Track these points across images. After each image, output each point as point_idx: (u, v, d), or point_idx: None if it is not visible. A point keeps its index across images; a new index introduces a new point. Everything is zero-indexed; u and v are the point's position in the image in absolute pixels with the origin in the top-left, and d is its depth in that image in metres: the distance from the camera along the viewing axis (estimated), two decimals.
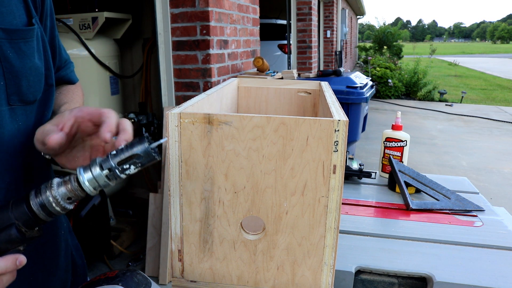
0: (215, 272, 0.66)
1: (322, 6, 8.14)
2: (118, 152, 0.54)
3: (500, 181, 4.15)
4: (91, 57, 2.43)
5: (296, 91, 1.07)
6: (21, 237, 0.52)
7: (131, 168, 0.53)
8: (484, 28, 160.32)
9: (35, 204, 0.53)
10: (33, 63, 0.63)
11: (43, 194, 0.53)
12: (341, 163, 0.58)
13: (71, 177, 0.54)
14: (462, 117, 7.64)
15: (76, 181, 0.54)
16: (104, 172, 0.53)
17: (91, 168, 0.54)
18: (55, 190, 0.53)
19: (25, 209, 0.52)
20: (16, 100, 0.61)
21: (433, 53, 24.95)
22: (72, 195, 0.54)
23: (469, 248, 0.95)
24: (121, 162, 0.53)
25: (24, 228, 0.52)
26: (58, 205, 0.53)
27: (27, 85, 0.62)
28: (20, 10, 0.63)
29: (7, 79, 0.60)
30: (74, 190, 0.54)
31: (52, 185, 0.54)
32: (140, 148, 0.53)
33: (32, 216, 0.53)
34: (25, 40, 0.62)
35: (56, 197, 0.53)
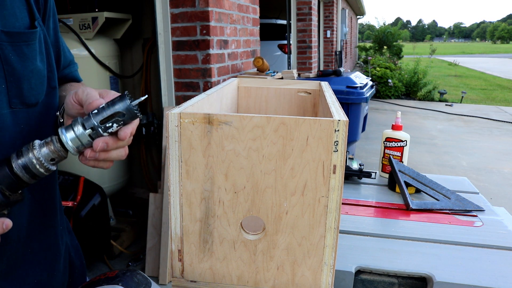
0: (215, 272, 0.66)
1: (322, 6, 8.14)
2: (99, 110, 0.53)
3: (500, 181, 4.15)
4: (91, 57, 2.43)
5: (296, 91, 1.07)
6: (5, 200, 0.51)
7: (113, 126, 0.53)
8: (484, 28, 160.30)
9: (17, 166, 0.52)
10: (35, 65, 0.63)
11: (25, 155, 0.52)
12: (341, 163, 0.58)
13: (53, 137, 0.53)
14: (462, 117, 7.64)
15: (59, 142, 0.53)
16: (87, 131, 0.53)
17: (73, 127, 0.53)
18: (37, 151, 0.52)
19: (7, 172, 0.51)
20: (17, 103, 0.61)
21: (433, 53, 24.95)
22: (55, 156, 0.53)
23: (469, 248, 0.95)
24: (104, 120, 0.53)
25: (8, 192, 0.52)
26: (41, 166, 0.52)
27: (28, 87, 0.62)
28: (22, 12, 0.63)
29: (8, 82, 0.59)
30: (57, 150, 0.53)
31: (34, 146, 0.53)
32: (122, 106, 0.52)
33: (15, 178, 0.52)
34: (27, 43, 0.62)
35: (39, 158, 0.52)
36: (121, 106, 0.52)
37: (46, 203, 0.72)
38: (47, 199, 0.72)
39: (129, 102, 0.52)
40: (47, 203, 0.73)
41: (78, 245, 0.87)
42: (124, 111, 0.52)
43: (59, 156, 0.53)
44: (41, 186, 0.69)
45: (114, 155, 0.57)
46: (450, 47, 64.75)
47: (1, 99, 0.59)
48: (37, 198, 0.69)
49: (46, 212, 0.72)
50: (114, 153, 0.57)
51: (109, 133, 0.53)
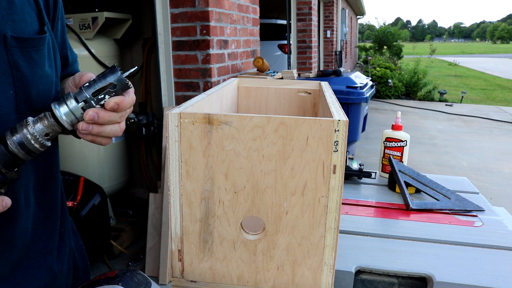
0: (215, 272, 0.66)
1: (322, 6, 8.14)
2: (91, 83, 0.54)
3: (500, 181, 4.15)
4: (91, 57, 2.43)
5: (296, 91, 1.07)
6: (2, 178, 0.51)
7: (105, 98, 0.53)
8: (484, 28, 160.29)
9: (12, 143, 0.52)
10: (43, 71, 0.63)
11: (19, 132, 0.52)
12: (341, 163, 0.58)
13: (46, 113, 0.54)
14: (462, 117, 7.64)
15: (52, 117, 0.53)
16: (80, 104, 0.53)
17: (66, 102, 0.53)
18: (31, 127, 0.52)
19: (3, 150, 0.51)
20: (25, 108, 0.61)
21: (433, 53, 24.95)
22: (50, 131, 0.53)
23: (469, 248, 0.95)
24: (96, 92, 0.53)
25: (4, 170, 0.52)
26: (36, 141, 0.52)
27: (36, 93, 0.62)
28: (32, 17, 0.62)
29: (17, 88, 0.59)
30: (51, 125, 0.53)
31: (27, 122, 0.53)
32: (113, 77, 0.53)
33: (11, 156, 0.52)
34: (37, 49, 0.62)
35: (34, 133, 0.52)
36: (112, 77, 0.53)
37: (50, 207, 0.72)
38: (50, 203, 0.72)
39: (120, 73, 0.53)
40: (51, 207, 0.72)
41: (82, 246, 0.87)
42: (115, 82, 0.53)
43: (54, 131, 0.54)
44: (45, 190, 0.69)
45: (108, 129, 0.58)
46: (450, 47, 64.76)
47: (9, 105, 0.59)
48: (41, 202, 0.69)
49: (50, 216, 0.72)
50: (108, 128, 0.58)
51: (102, 105, 0.54)
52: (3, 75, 0.57)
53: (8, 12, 0.58)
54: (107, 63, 2.53)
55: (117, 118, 0.58)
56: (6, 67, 0.58)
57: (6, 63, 0.57)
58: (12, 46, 0.58)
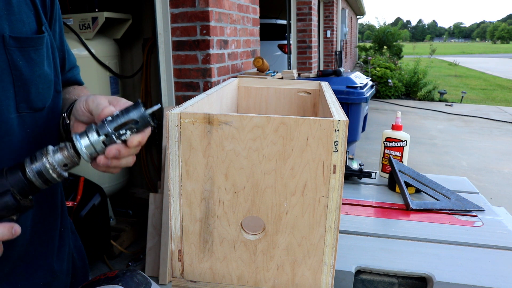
0: (215, 272, 0.66)
1: (322, 6, 8.14)
2: (114, 118, 0.54)
3: (500, 181, 4.15)
4: (91, 57, 2.43)
5: (296, 91, 1.07)
6: (16, 204, 0.51)
7: (127, 134, 0.53)
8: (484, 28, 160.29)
9: (31, 171, 0.52)
10: (42, 70, 0.63)
11: (39, 160, 0.52)
12: (341, 163, 0.58)
13: (67, 143, 0.54)
14: (462, 117, 7.64)
15: (73, 148, 0.53)
16: (101, 137, 0.53)
17: (87, 134, 0.53)
18: (51, 157, 0.52)
19: (20, 176, 0.51)
20: (25, 107, 0.61)
21: (433, 53, 24.95)
22: (69, 162, 0.53)
23: (469, 248, 0.95)
24: (118, 127, 0.53)
25: (19, 196, 0.52)
26: (54, 171, 0.52)
27: (36, 92, 0.63)
28: (30, 18, 0.63)
29: (16, 87, 0.60)
30: (70, 156, 0.53)
31: (47, 151, 0.53)
32: (136, 114, 0.53)
33: (28, 183, 0.52)
34: (35, 48, 0.62)
35: (53, 163, 0.52)
36: (135, 113, 0.53)
37: (49, 206, 0.72)
38: (50, 202, 0.72)
39: (143, 110, 0.53)
40: (50, 206, 0.73)
41: (81, 246, 0.87)
42: (138, 119, 0.53)
43: (72, 162, 0.54)
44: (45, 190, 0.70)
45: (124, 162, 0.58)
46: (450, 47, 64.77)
47: (9, 103, 0.59)
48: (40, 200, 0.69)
49: (50, 215, 0.72)
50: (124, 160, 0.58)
51: (122, 140, 0.54)
52: (2, 74, 0.58)
53: (6, 13, 0.58)
54: (107, 63, 2.53)
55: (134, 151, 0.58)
56: (5, 66, 0.58)
57: (5, 63, 0.58)
58: (11, 45, 0.58)
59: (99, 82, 2.50)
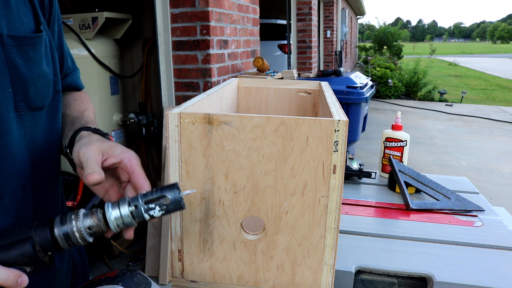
0: (215, 272, 0.66)
1: (322, 6, 8.14)
2: (148, 193, 0.55)
3: (500, 181, 4.15)
4: (91, 57, 2.43)
5: (296, 91, 1.07)
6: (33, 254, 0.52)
7: (155, 209, 0.54)
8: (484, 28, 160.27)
9: (58, 231, 0.53)
10: (41, 69, 0.63)
11: (68, 223, 0.54)
12: (341, 163, 0.58)
13: (98, 211, 0.55)
14: (462, 117, 7.64)
15: (103, 216, 0.54)
16: (130, 208, 0.54)
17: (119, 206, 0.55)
18: (80, 221, 0.54)
19: (47, 234, 0.53)
20: (23, 106, 0.62)
21: (433, 53, 24.96)
22: (96, 228, 0.54)
23: (469, 248, 0.95)
24: (149, 201, 0.54)
25: (39, 247, 0.53)
26: (81, 236, 0.54)
27: (35, 91, 0.63)
28: (28, 17, 0.63)
29: (14, 86, 0.60)
30: (99, 224, 0.54)
31: (78, 216, 0.54)
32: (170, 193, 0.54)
33: (52, 241, 0.53)
34: (34, 47, 0.62)
35: (81, 228, 0.54)
36: (169, 193, 0.54)
37: (50, 206, 0.72)
38: (51, 202, 0.72)
39: (178, 192, 0.54)
40: (51, 206, 0.73)
41: (81, 246, 0.87)
42: (171, 199, 0.54)
43: (99, 229, 0.55)
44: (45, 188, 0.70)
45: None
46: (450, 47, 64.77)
47: (8, 102, 0.59)
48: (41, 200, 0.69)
49: (50, 214, 0.72)
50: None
51: (150, 215, 0.54)
52: (1, 73, 0.58)
53: (4, 12, 0.59)
54: (107, 63, 2.53)
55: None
56: (4, 65, 0.58)
57: (4, 62, 0.58)
58: (9, 44, 0.58)
59: (99, 82, 2.50)
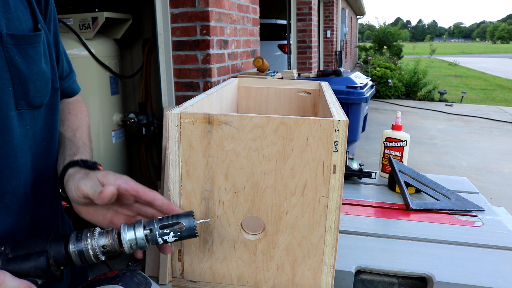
0: (215, 272, 0.66)
1: (322, 6, 8.14)
2: (163, 218, 0.56)
3: (500, 181, 4.15)
4: (91, 57, 2.42)
5: (296, 91, 1.07)
6: (46, 267, 0.53)
7: (170, 235, 0.55)
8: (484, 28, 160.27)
9: (73, 248, 0.54)
10: (40, 68, 0.64)
11: (84, 240, 0.54)
12: (341, 163, 0.58)
13: (113, 230, 0.56)
14: (462, 117, 7.64)
15: (117, 236, 0.55)
16: (145, 231, 0.55)
17: (135, 228, 0.55)
18: (95, 240, 0.55)
19: (62, 249, 0.54)
20: (24, 104, 0.62)
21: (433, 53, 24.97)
22: (109, 248, 0.55)
23: (469, 248, 0.95)
24: (163, 226, 0.55)
25: (52, 261, 0.53)
26: (94, 254, 0.54)
27: (34, 89, 0.63)
28: (26, 15, 0.63)
29: (15, 84, 0.60)
30: (113, 243, 0.55)
31: (94, 234, 0.55)
32: (186, 221, 0.55)
33: (66, 256, 0.54)
34: (32, 46, 0.62)
35: (95, 247, 0.54)
36: (185, 220, 0.55)
37: (49, 205, 0.72)
38: (49, 200, 0.72)
39: (193, 220, 0.55)
40: (50, 205, 0.73)
41: None
42: (185, 226, 0.55)
43: (112, 249, 0.56)
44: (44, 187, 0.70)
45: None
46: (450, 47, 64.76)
47: (8, 100, 0.59)
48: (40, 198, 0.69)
49: (49, 214, 0.73)
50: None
51: (163, 240, 0.55)
52: (1, 72, 0.58)
53: (2, 11, 0.59)
54: (107, 63, 2.53)
55: None
56: (3, 64, 0.58)
57: (3, 60, 0.58)
58: (8, 43, 0.59)
59: (99, 82, 2.50)
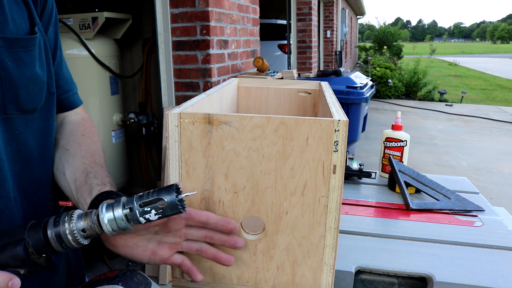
0: (215, 272, 0.66)
1: (322, 6, 8.14)
2: (144, 194, 0.53)
3: (500, 181, 4.15)
4: (91, 57, 2.42)
5: (296, 91, 1.07)
6: (25, 256, 0.51)
7: (151, 213, 0.51)
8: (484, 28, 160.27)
9: (51, 233, 0.52)
10: (33, 72, 0.62)
11: (61, 224, 0.52)
12: (341, 163, 0.58)
13: (93, 212, 0.53)
14: (462, 117, 7.64)
15: (97, 218, 0.53)
16: (124, 211, 0.52)
17: (114, 208, 0.52)
18: (74, 223, 0.52)
19: (40, 235, 0.52)
20: (13, 109, 0.60)
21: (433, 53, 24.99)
22: (90, 231, 0.53)
23: (469, 248, 0.95)
24: (144, 204, 0.52)
25: (32, 249, 0.52)
26: (73, 238, 0.52)
27: (26, 94, 0.62)
28: (21, 18, 0.62)
29: (4, 88, 0.58)
30: (92, 226, 0.53)
31: (72, 218, 0.53)
32: (167, 196, 0.51)
33: (45, 242, 0.52)
34: (26, 49, 0.61)
35: (73, 230, 0.52)
36: (165, 196, 0.51)
37: (44, 211, 0.71)
38: (42, 200, 0.71)
39: (175, 195, 0.51)
40: (45, 211, 0.72)
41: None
42: (167, 201, 0.51)
43: (92, 231, 0.53)
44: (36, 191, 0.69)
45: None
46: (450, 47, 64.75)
47: None
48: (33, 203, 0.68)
49: (42, 214, 0.72)
50: None
51: (145, 219, 0.52)
52: None
53: None
54: (107, 63, 2.53)
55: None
56: None
57: None
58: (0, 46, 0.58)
59: (99, 82, 2.50)
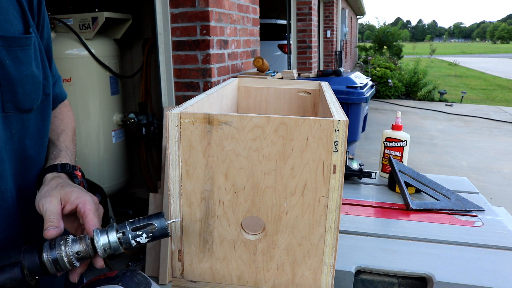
0: (215, 272, 0.66)
1: (322, 6, 8.14)
2: (135, 220, 0.57)
3: (500, 181, 4.15)
4: (91, 57, 2.42)
5: (296, 91, 1.07)
6: (21, 278, 0.53)
7: (142, 236, 0.56)
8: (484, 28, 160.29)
9: (47, 256, 0.54)
10: (30, 71, 0.63)
11: (57, 248, 0.55)
12: (341, 163, 0.58)
13: (87, 237, 0.56)
14: (462, 117, 7.64)
15: (91, 242, 0.56)
16: (118, 234, 0.56)
17: (108, 232, 0.56)
18: (69, 247, 0.55)
19: (36, 259, 0.54)
20: (11, 107, 0.61)
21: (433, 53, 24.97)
22: (84, 254, 0.56)
23: (469, 248, 0.95)
24: (136, 228, 0.56)
25: (27, 272, 0.53)
26: (69, 261, 0.55)
27: (23, 92, 0.62)
28: (17, 19, 0.63)
29: (2, 86, 0.59)
30: (87, 249, 0.56)
31: (67, 241, 0.55)
32: (157, 221, 0.57)
33: (40, 266, 0.54)
34: (22, 48, 0.62)
35: (69, 254, 0.55)
36: (156, 221, 0.57)
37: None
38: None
39: (164, 221, 0.57)
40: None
41: None
42: (157, 227, 0.57)
43: (87, 255, 0.56)
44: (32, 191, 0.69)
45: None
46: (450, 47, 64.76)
47: None
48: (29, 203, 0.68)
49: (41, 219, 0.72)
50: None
51: (137, 242, 0.56)
52: None
53: None
54: (107, 63, 2.53)
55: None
56: None
57: None
58: None
59: (99, 82, 2.50)
